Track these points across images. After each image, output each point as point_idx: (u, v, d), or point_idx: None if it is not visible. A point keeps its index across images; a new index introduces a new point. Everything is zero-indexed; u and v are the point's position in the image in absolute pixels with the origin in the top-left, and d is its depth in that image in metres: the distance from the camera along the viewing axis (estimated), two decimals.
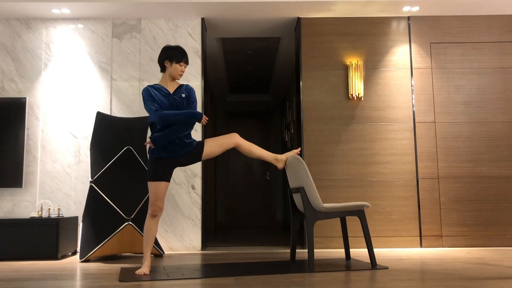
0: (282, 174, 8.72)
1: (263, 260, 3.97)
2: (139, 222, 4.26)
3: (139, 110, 4.94)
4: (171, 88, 3.44)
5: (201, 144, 3.48)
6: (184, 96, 3.42)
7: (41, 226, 4.34)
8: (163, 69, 3.48)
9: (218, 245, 5.47)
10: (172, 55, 3.42)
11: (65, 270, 3.58)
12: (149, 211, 3.38)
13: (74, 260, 4.23)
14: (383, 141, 5.00)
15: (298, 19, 5.17)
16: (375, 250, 4.68)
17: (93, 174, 4.25)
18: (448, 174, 4.94)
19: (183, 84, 3.50)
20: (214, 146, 3.50)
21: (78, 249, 4.47)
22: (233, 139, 3.53)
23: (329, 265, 3.59)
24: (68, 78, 5.03)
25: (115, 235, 4.10)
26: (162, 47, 3.53)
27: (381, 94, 5.06)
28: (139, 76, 5.04)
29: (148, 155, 3.45)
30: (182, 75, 3.48)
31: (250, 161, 9.10)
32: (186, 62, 3.47)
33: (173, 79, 3.46)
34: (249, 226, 8.91)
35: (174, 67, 3.42)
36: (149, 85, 3.41)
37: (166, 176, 3.39)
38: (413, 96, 5.04)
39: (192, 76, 5.05)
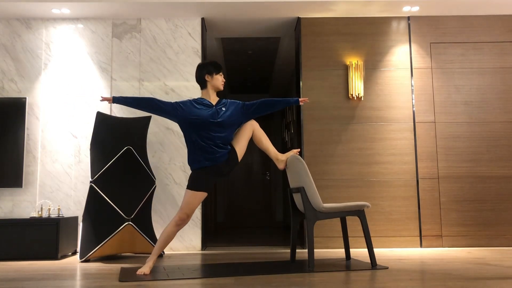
0: (282, 174, 8.72)
1: (263, 260, 3.97)
2: (139, 222, 4.26)
3: (139, 110, 4.93)
4: (213, 101, 3.57)
5: (232, 148, 3.53)
6: (224, 109, 3.51)
7: (41, 226, 4.34)
8: (203, 85, 3.60)
9: (218, 245, 5.47)
10: (210, 69, 3.59)
11: (65, 270, 3.58)
12: (176, 218, 3.39)
13: (74, 260, 4.23)
14: (383, 141, 5.00)
15: (298, 19, 5.18)
16: (375, 250, 4.68)
17: (93, 174, 4.25)
18: (448, 174, 4.94)
19: (222, 99, 3.62)
20: (240, 141, 3.57)
21: (78, 249, 4.47)
22: (250, 125, 3.62)
23: (329, 265, 3.59)
24: (68, 78, 5.03)
25: (115, 235, 4.10)
26: (197, 65, 3.66)
27: (381, 94, 5.06)
28: (139, 76, 5.05)
29: (189, 166, 3.49)
30: (224, 84, 3.65)
31: (250, 161, 9.10)
32: (223, 72, 3.64)
33: (216, 90, 3.61)
34: (249, 226, 8.91)
35: (216, 79, 3.60)
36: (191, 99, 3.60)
37: (206, 187, 3.44)
38: (413, 96, 5.04)
39: (192, 76, 5.04)
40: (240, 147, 3.55)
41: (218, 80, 3.59)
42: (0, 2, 4.67)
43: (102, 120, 4.42)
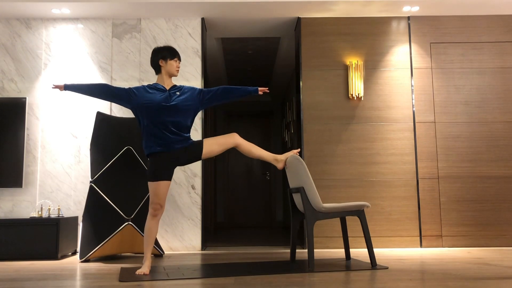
0: (282, 174, 8.72)
1: (263, 260, 3.97)
2: (139, 222, 4.26)
3: None
4: (168, 86, 3.54)
5: (199, 143, 3.50)
6: (178, 93, 3.49)
7: (41, 226, 4.34)
8: (158, 70, 3.58)
9: (218, 245, 5.47)
10: (165, 54, 3.56)
11: (65, 270, 3.58)
12: (150, 210, 3.39)
13: (74, 260, 4.23)
14: (383, 141, 5.00)
15: (298, 19, 5.18)
16: (375, 250, 4.68)
17: (93, 174, 4.25)
18: (448, 174, 4.94)
19: (176, 85, 3.59)
20: (214, 145, 3.52)
21: (78, 249, 4.47)
22: (233, 139, 3.56)
23: (329, 265, 3.59)
24: (68, 78, 5.03)
25: (115, 235, 4.10)
26: (152, 50, 3.63)
27: (381, 94, 5.06)
28: (139, 76, 5.05)
29: (144, 150, 3.47)
30: (178, 70, 3.60)
31: (250, 161, 9.10)
32: (179, 58, 3.62)
33: (170, 76, 3.58)
34: (249, 226, 8.91)
35: (170, 64, 3.55)
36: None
37: (165, 175, 3.39)
38: (413, 96, 5.04)
39: (192, 76, 5.05)
40: (210, 146, 3.50)
41: (173, 66, 3.55)
42: (0, 2, 4.67)
43: (102, 120, 4.42)
